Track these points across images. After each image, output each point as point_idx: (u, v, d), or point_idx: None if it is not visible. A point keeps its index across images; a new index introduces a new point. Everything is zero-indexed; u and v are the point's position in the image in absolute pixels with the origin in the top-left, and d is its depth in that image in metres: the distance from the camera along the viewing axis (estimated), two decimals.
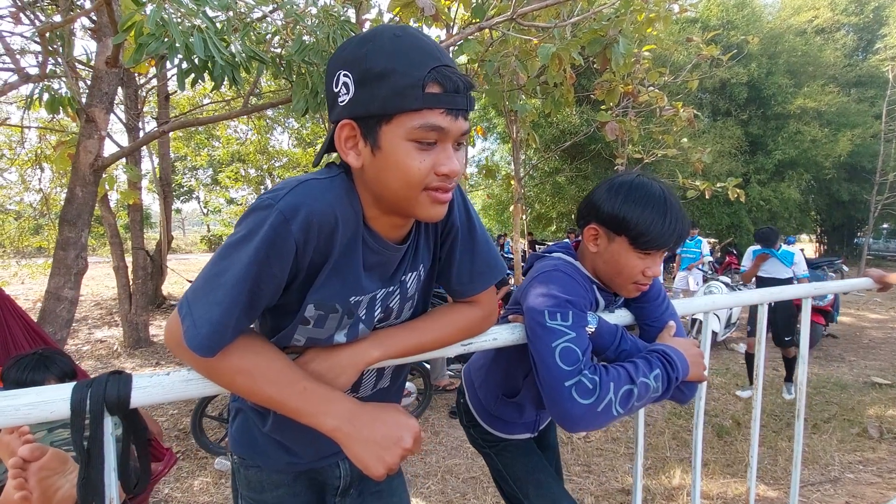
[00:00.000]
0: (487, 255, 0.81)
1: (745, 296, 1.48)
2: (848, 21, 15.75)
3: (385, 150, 0.61)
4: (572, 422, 0.80)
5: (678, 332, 0.98)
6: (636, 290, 0.98)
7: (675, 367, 0.86)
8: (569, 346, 0.82)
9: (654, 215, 0.89)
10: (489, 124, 12.36)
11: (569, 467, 2.84)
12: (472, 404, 1.21)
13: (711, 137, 11.60)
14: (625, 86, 4.91)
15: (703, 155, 8.00)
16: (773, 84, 12.88)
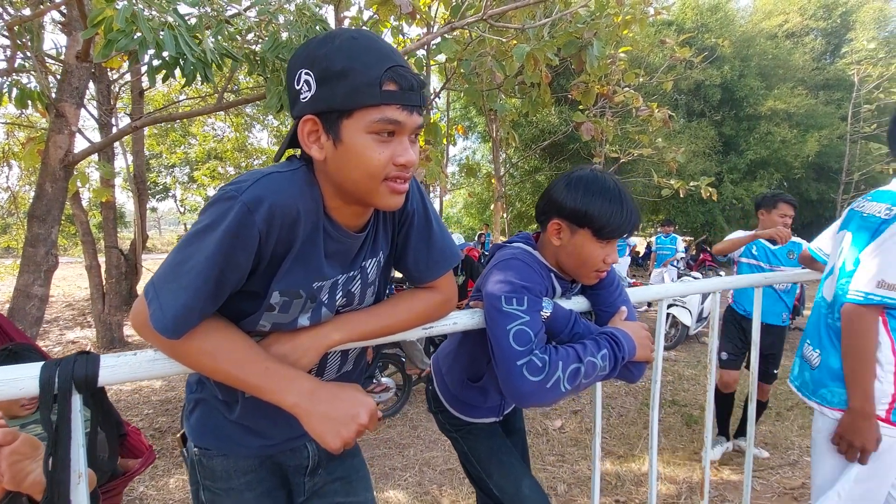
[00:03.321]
0: (443, 242, 0.87)
1: (699, 284, 1.56)
2: (816, 25, 16.31)
3: (346, 142, 0.66)
4: (522, 397, 0.86)
5: (629, 317, 1.05)
6: (597, 277, 1.05)
7: (622, 348, 0.93)
8: (522, 329, 0.88)
9: (612, 207, 0.96)
10: (470, 123, 12.45)
11: (543, 457, 2.91)
12: (440, 390, 1.26)
13: (686, 137, 11.89)
14: (601, 87, 5.02)
15: (677, 154, 8.21)
16: (745, 86, 13.28)
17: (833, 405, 1.29)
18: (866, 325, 1.20)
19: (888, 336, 1.21)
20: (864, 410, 1.19)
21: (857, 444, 1.20)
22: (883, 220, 1.23)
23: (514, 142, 8.16)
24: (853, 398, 1.21)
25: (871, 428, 1.19)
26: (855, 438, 1.20)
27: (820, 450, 1.33)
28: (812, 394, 1.36)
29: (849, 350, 1.23)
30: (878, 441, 1.19)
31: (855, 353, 1.21)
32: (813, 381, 1.37)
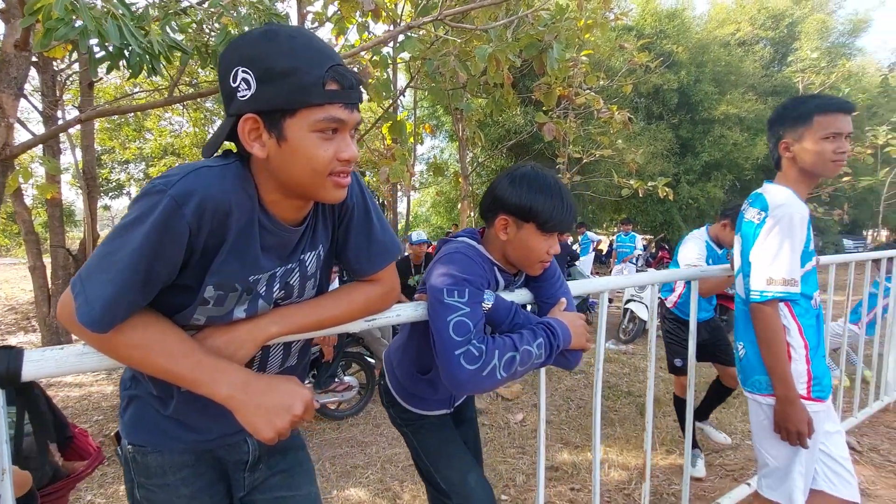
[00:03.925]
0: (383, 236, 0.89)
1: (636, 277, 1.65)
2: (765, 35, 17.22)
3: (291, 141, 0.68)
4: (459, 385, 0.90)
5: (568, 308, 1.10)
6: (541, 268, 1.11)
7: (557, 337, 0.98)
8: (462, 320, 0.91)
9: (555, 202, 1.02)
10: (437, 122, 12.49)
11: (504, 450, 2.98)
12: (391, 384, 1.29)
13: (645, 139, 12.32)
14: (563, 89, 5.14)
15: (636, 156, 8.51)
16: (700, 91, 13.87)
17: (763, 392, 1.40)
18: (770, 319, 1.31)
19: (794, 321, 1.34)
20: (789, 397, 1.30)
21: (793, 429, 1.30)
22: (756, 224, 1.36)
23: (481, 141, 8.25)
24: (776, 387, 1.32)
25: (799, 411, 1.29)
26: (789, 424, 1.31)
27: (763, 434, 1.43)
28: (745, 383, 1.48)
29: (762, 344, 1.34)
30: (810, 422, 1.30)
31: (768, 345, 1.32)
32: (743, 372, 1.48)
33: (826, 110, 1.31)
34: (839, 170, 1.34)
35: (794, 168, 1.38)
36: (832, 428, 1.42)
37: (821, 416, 1.33)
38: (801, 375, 1.33)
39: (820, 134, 1.31)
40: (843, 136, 1.31)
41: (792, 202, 1.34)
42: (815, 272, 1.42)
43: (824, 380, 1.35)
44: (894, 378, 3.44)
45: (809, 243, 1.36)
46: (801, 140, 1.34)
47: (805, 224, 1.32)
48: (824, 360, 1.39)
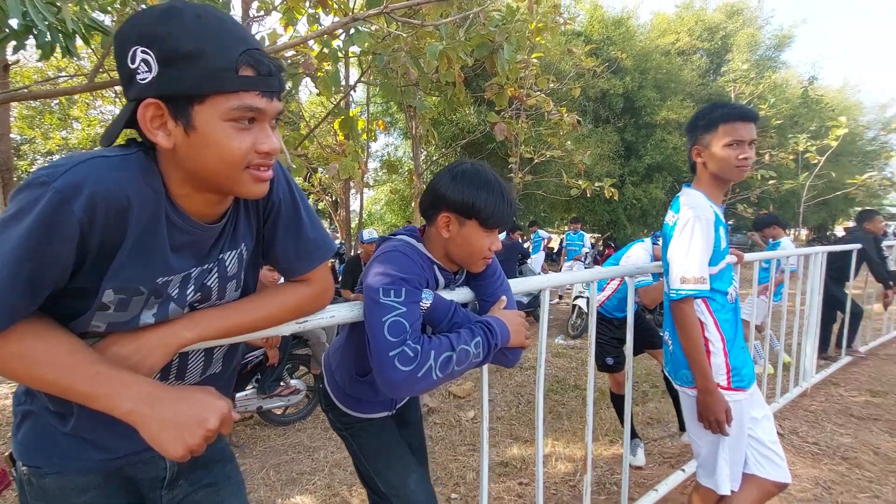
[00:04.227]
0: (314, 233, 0.84)
1: (576, 275, 1.69)
2: (702, 46, 18.33)
3: (201, 130, 0.62)
4: (394, 387, 0.87)
5: (508, 305, 1.10)
6: (484, 264, 1.11)
7: (495, 335, 0.98)
8: (397, 320, 0.89)
9: (496, 198, 1.02)
10: (391, 119, 12.36)
11: (455, 448, 2.98)
12: (330, 387, 1.24)
13: (593, 141, 12.79)
14: (514, 89, 5.21)
15: (585, 157, 8.80)
16: (643, 97, 14.57)
17: (690, 384, 1.48)
18: (686, 315, 1.39)
19: (711, 316, 1.43)
20: (707, 388, 1.38)
21: (712, 418, 1.38)
22: (671, 227, 1.46)
23: (434, 139, 8.24)
24: (696, 379, 1.40)
25: (717, 401, 1.37)
26: (709, 414, 1.39)
27: (693, 424, 1.51)
28: (675, 377, 1.55)
29: (681, 338, 1.42)
30: (729, 412, 1.38)
31: (686, 340, 1.40)
32: (672, 365, 1.56)
33: (729, 119, 1.38)
34: (744, 175, 1.42)
35: (706, 173, 1.46)
36: (759, 413, 1.51)
37: (743, 404, 1.42)
38: (720, 367, 1.41)
39: (724, 141, 1.38)
40: (745, 143, 1.38)
41: (699, 206, 1.41)
42: (729, 269, 1.50)
43: (743, 370, 1.44)
44: (811, 365, 3.76)
45: (720, 242, 1.43)
46: (710, 147, 1.41)
47: (711, 225, 1.39)
48: (743, 351, 1.48)
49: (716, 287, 1.44)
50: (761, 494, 1.46)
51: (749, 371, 1.47)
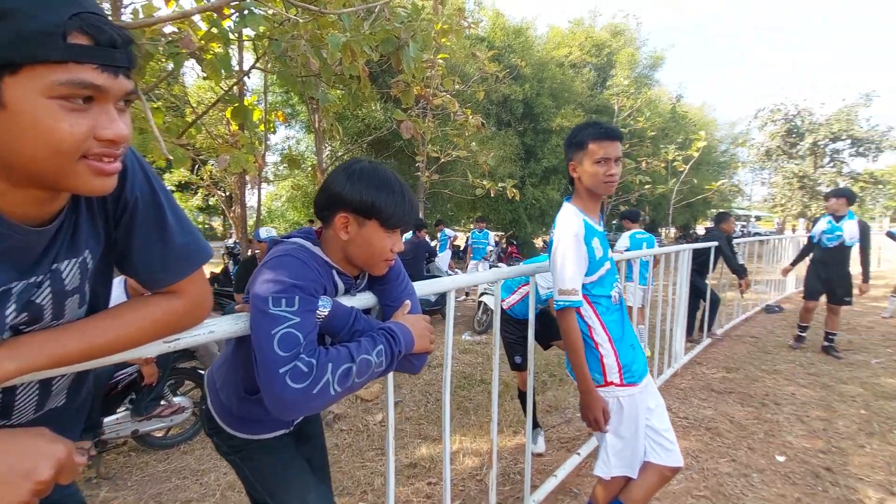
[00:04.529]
0: (183, 237, 0.72)
1: (481, 275, 1.72)
2: (591, 60, 20.05)
3: (13, 108, 0.49)
4: (286, 406, 0.79)
5: (413, 310, 1.06)
6: (386, 266, 1.05)
7: (399, 342, 0.93)
8: (290, 332, 0.80)
9: (396, 198, 0.97)
10: (292, 111, 11.71)
11: (363, 453, 2.89)
12: (215, 408, 1.10)
13: (496, 143, 13.33)
14: (420, 88, 5.20)
15: (488, 158, 9.10)
16: (540, 104, 15.53)
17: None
18: (566, 324, 1.50)
19: (597, 319, 1.54)
20: (587, 389, 1.49)
21: (591, 417, 1.50)
22: (551, 240, 1.56)
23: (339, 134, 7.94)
24: (578, 381, 1.51)
25: (595, 401, 1.49)
26: (588, 413, 1.51)
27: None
28: (571, 374, 1.64)
29: (564, 344, 1.52)
30: (606, 410, 1.50)
31: (567, 345, 1.52)
32: (569, 365, 1.65)
33: (596, 138, 1.48)
34: (612, 190, 1.54)
35: (581, 187, 1.56)
36: (653, 403, 1.64)
37: (637, 397, 1.54)
38: (612, 367, 1.52)
39: (593, 158, 1.48)
40: (611, 160, 1.48)
41: (569, 223, 1.51)
42: (611, 274, 1.60)
43: (634, 366, 1.56)
44: (680, 348, 4.28)
45: (595, 252, 1.52)
46: (582, 163, 1.51)
47: (581, 241, 1.49)
48: (632, 349, 1.60)
49: (598, 292, 1.54)
50: (658, 479, 1.60)
51: (639, 366, 1.59)
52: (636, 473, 1.58)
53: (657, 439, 1.59)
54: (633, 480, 1.61)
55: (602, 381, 1.54)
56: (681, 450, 2.78)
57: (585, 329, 1.55)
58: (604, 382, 1.54)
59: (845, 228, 4.62)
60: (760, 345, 5.18)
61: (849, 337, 5.47)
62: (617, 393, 1.53)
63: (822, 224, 4.86)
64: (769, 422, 3.16)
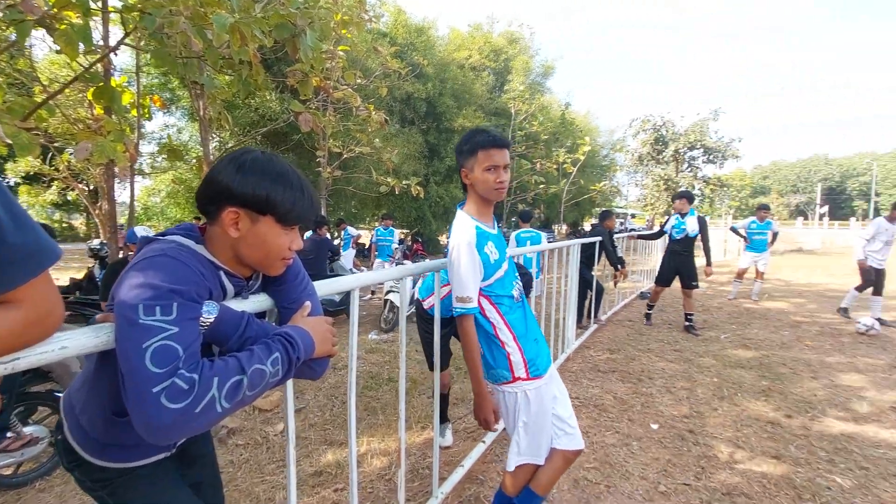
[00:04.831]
0: (20, 236, 0.61)
1: (387, 272, 1.71)
2: (490, 65, 20.92)
3: None
4: (160, 431, 0.69)
5: (314, 311, 1.01)
6: (284, 265, 0.98)
7: (297, 348, 0.87)
8: (166, 345, 0.71)
9: (294, 192, 0.91)
10: (172, 96, 10.52)
11: (262, 467, 2.70)
12: (75, 436, 0.94)
13: (400, 141, 13.31)
14: (319, 79, 4.99)
15: (392, 155, 9.05)
16: (443, 103, 15.83)
17: (494, 381, 1.64)
18: (464, 330, 1.54)
19: (501, 318, 1.60)
20: (479, 392, 1.57)
21: (481, 417, 1.58)
22: (447, 249, 1.59)
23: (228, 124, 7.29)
24: (472, 384, 1.58)
25: (486, 404, 1.57)
26: (479, 413, 1.58)
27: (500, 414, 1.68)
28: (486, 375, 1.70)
29: (463, 349, 1.57)
30: (497, 412, 1.58)
31: (465, 350, 1.56)
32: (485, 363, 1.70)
33: (485, 146, 1.52)
34: (502, 196, 1.59)
35: (474, 193, 1.59)
36: (558, 392, 1.75)
37: (542, 389, 1.63)
38: (518, 363, 1.59)
39: (483, 165, 1.52)
40: (500, 167, 1.53)
41: (461, 230, 1.54)
42: (510, 274, 1.66)
43: (538, 359, 1.64)
44: (572, 335, 4.66)
45: (489, 256, 1.56)
46: (473, 170, 1.55)
47: (473, 248, 1.51)
48: (536, 343, 1.68)
49: (500, 293, 1.60)
50: (563, 463, 1.71)
51: (543, 359, 1.68)
52: (543, 460, 1.68)
53: (561, 426, 1.70)
54: (540, 467, 1.71)
55: (510, 378, 1.60)
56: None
57: (490, 329, 1.60)
58: (511, 378, 1.60)
59: (688, 223, 5.64)
60: (637, 327, 5.84)
61: (703, 317, 6.41)
62: (525, 387, 1.60)
63: (671, 221, 5.84)
64: (645, 395, 3.58)
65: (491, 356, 1.61)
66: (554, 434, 1.69)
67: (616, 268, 5.69)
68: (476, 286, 1.53)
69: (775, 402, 3.45)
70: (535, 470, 1.72)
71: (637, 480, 2.45)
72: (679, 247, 5.68)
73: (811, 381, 3.90)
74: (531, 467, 1.72)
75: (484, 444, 2.73)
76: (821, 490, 2.34)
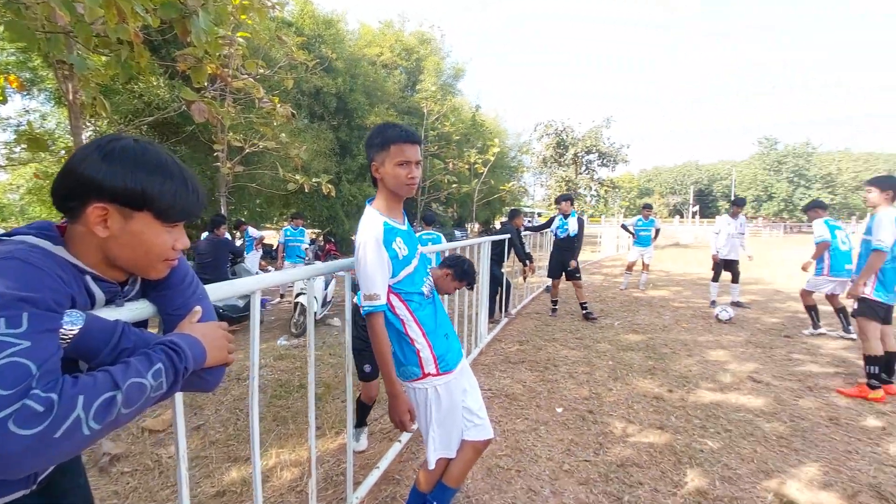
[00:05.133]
0: None
1: (294, 272, 1.62)
2: (402, 63, 20.86)
3: None
4: (11, 463, 0.58)
5: (205, 317, 0.92)
6: (167, 268, 0.88)
7: (185, 357, 0.79)
8: (14, 362, 0.60)
9: (177, 184, 0.82)
10: (33, 76, 9.03)
11: (154, 494, 2.43)
12: None
13: (309, 137, 12.77)
14: (215, 66, 4.59)
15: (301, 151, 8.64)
16: (354, 100, 15.48)
17: (404, 378, 1.64)
18: (373, 329, 1.52)
19: (410, 314, 1.60)
20: (393, 392, 1.55)
21: (396, 419, 1.56)
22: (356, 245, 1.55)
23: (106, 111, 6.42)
24: (385, 384, 1.57)
25: (401, 404, 1.55)
26: (393, 415, 1.56)
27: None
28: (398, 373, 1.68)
29: (373, 347, 1.54)
30: (412, 411, 1.59)
31: (375, 349, 1.54)
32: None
33: (397, 141, 1.50)
34: (412, 191, 1.58)
35: (384, 188, 1.57)
36: (468, 385, 1.78)
37: (452, 383, 1.65)
38: (428, 360, 1.60)
39: (395, 160, 1.50)
40: (412, 163, 1.53)
41: (368, 226, 1.51)
42: (421, 270, 1.65)
43: (448, 355, 1.66)
44: (484, 329, 4.82)
45: (398, 252, 1.54)
46: (384, 164, 1.53)
47: (381, 244, 1.49)
48: (446, 339, 1.69)
49: (409, 289, 1.58)
50: (473, 454, 1.75)
51: (454, 354, 1.70)
52: (455, 453, 1.71)
53: (470, 418, 1.74)
54: (452, 460, 1.73)
55: (420, 374, 1.60)
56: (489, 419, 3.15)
57: (400, 325, 1.59)
58: (422, 375, 1.60)
59: (570, 223, 6.30)
60: (543, 319, 6.22)
61: (600, 306, 7.01)
62: (435, 382, 1.62)
63: (556, 221, 6.44)
64: (551, 381, 3.82)
65: (401, 353, 1.60)
66: (464, 426, 1.73)
67: (524, 263, 6.00)
68: (384, 283, 1.51)
69: (659, 379, 3.88)
70: (447, 463, 1.75)
71: (544, 462, 2.60)
72: (563, 244, 6.30)
73: (687, 358, 4.44)
74: (443, 461, 1.75)
75: (400, 443, 2.72)
76: (696, 453, 2.68)
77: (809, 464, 2.58)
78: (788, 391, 3.62)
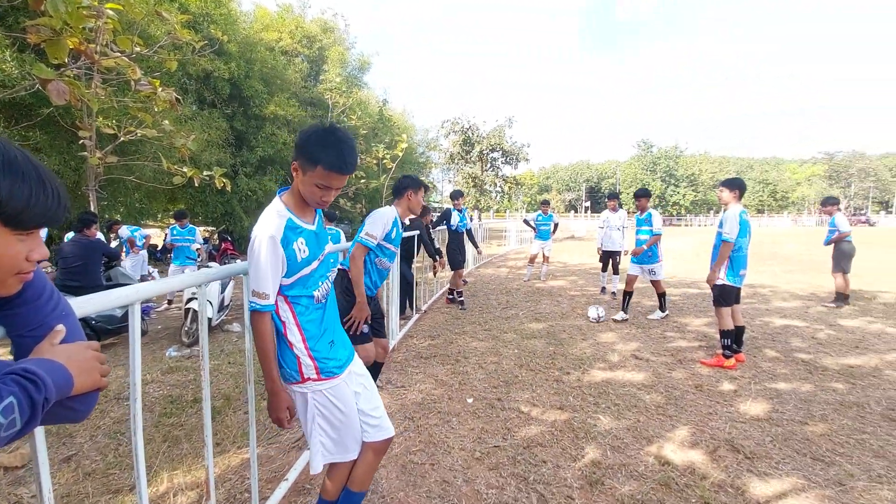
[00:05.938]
0: None
1: (183, 278, 1.47)
2: (303, 51, 19.82)
3: None
4: None
5: (70, 337, 0.79)
6: (20, 282, 0.75)
7: (44, 387, 0.67)
8: None
9: (28, 185, 0.69)
10: None
11: None
12: None
13: (198, 125, 11.64)
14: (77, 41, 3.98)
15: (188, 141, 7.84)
16: (251, 87, 14.41)
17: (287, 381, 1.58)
18: (255, 325, 1.48)
19: (293, 318, 1.54)
20: (272, 390, 1.52)
21: (274, 416, 1.53)
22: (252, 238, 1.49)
23: None
24: (265, 382, 1.52)
25: (280, 403, 1.53)
26: (271, 413, 1.53)
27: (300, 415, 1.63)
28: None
29: (256, 346, 1.50)
30: (292, 409, 1.56)
31: (256, 347, 1.50)
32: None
33: (329, 168, 1.45)
34: (321, 208, 1.60)
35: (297, 188, 1.53)
36: (360, 388, 1.73)
37: (340, 387, 1.60)
38: (308, 365, 1.55)
39: (318, 181, 1.46)
40: (332, 190, 1.51)
41: (268, 221, 1.46)
42: (316, 273, 1.59)
43: (330, 362, 1.60)
44: (396, 326, 4.81)
45: (297, 254, 1.49)
46: (305, 174, 1.47)
47: (277, 243, 1.44)
48: (331, 345, 1.64)
49: (298, 293, 1.53)
50: (374, 455, 1.73)
51: (338, 361, 1.64)
52: (357, 456, 1.69)
53: (366, 419, 1.71)
54: (355, 463, 1.71)
55: (299, 379, 1.55)
56: (400, 414, 3.15)
57: (280, 327, 1.53)
58: (301, 379, 1.55)
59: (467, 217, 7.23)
60: (453, 313, 6.38)
61: (506, 298, 7.37)
62: (317, 387, 1.57)
63: (455, 217, 7.10)
64: (462, 374, 3.94)
65: (281, 355, 1.55)
66: (364, 430, 1.70)
67: (434, 259, 6.09)
68: (275, 283, 1.46)
69: (559, 362, 4.20)
70: (351, 467, 1.73)
71: (457, 452, 2.68)
72: (457, 237, 7.07)
73: (582, 342, 4.86)
74: (346, 466, 1.72)
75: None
76: (591, 428, 2.94)
77: (681, 427, 2.98)
78: (664, 365, 4.13)
